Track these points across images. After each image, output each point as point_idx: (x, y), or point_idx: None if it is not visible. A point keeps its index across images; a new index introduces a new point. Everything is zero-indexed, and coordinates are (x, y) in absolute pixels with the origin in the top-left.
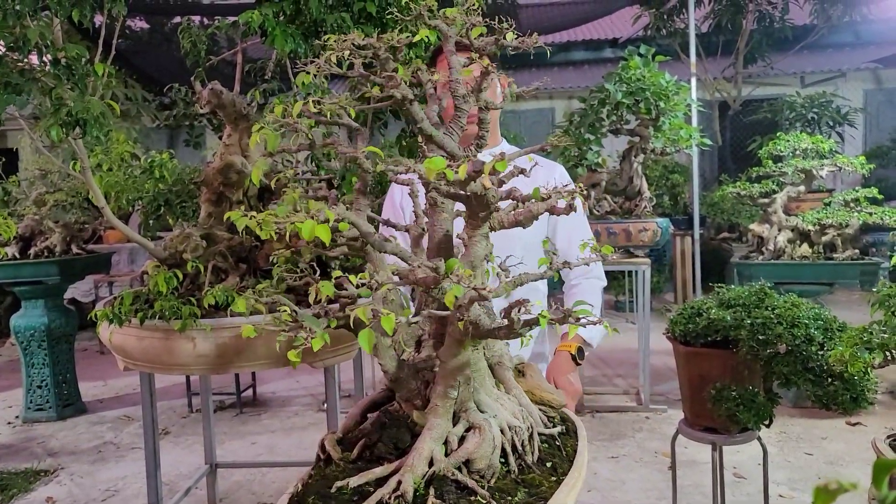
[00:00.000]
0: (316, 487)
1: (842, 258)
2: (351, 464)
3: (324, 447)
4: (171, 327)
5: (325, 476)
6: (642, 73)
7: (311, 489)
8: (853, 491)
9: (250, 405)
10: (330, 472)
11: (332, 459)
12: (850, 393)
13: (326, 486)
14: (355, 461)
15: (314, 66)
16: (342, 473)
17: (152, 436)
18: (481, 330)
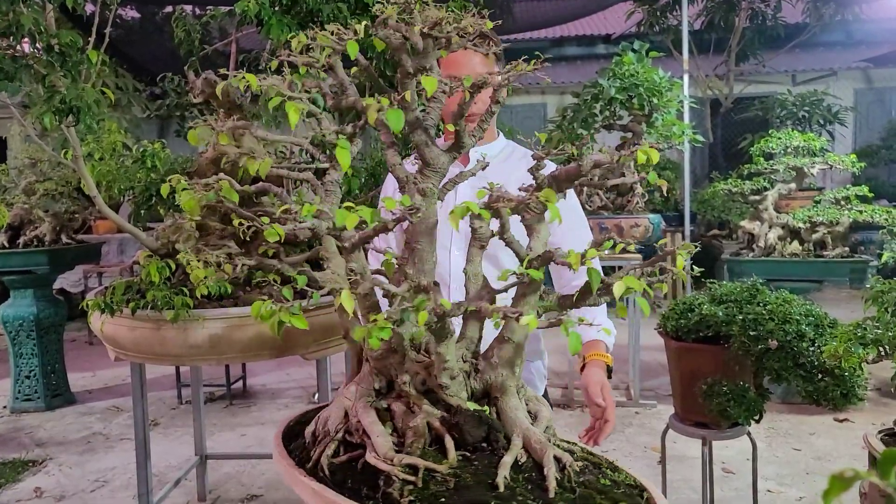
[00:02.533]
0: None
1: (832, 256)
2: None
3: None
4: (164, 317)
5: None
6: (636, 69)
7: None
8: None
9: (240, 397)
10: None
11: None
12: (841, 389)
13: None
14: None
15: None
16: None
17: (142, 426)
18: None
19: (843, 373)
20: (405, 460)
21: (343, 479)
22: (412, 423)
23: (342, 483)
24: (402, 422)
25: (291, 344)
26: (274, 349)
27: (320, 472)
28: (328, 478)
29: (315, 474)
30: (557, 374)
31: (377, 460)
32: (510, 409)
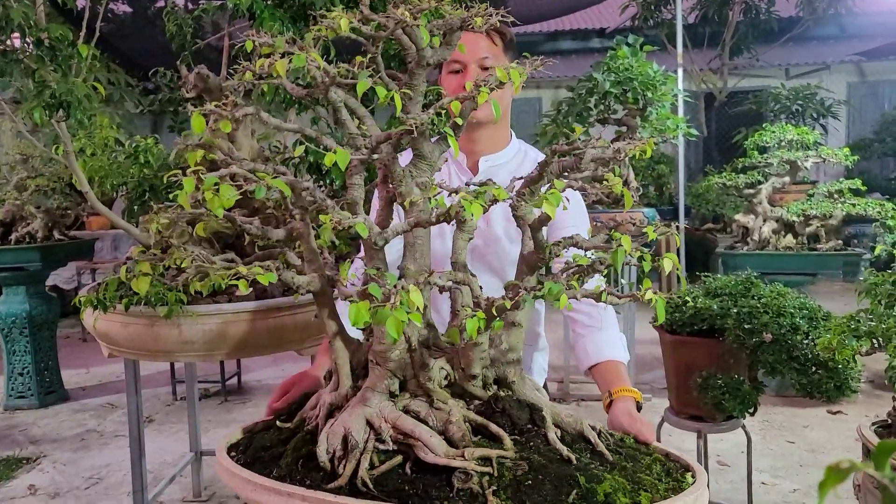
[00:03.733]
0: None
1: (825, 249)
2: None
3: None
4: (157, 314)
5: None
6: (630, 63)
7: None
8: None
9: (235, 393)
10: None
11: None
12: (835, 381)
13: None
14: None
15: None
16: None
17: (137, 423)
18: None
19: (836, 365)
20: (477, 452)
21: (397, 488)
22: (453, 418)
23: (400, 493)
24: (432, 419)
25: (286, 340)
26: (269, 345)
27: (363, 487)
28: (374, 492)
29: (356, 493)
30: (554, 369)
31: (441, 458)
32: (528, 391)
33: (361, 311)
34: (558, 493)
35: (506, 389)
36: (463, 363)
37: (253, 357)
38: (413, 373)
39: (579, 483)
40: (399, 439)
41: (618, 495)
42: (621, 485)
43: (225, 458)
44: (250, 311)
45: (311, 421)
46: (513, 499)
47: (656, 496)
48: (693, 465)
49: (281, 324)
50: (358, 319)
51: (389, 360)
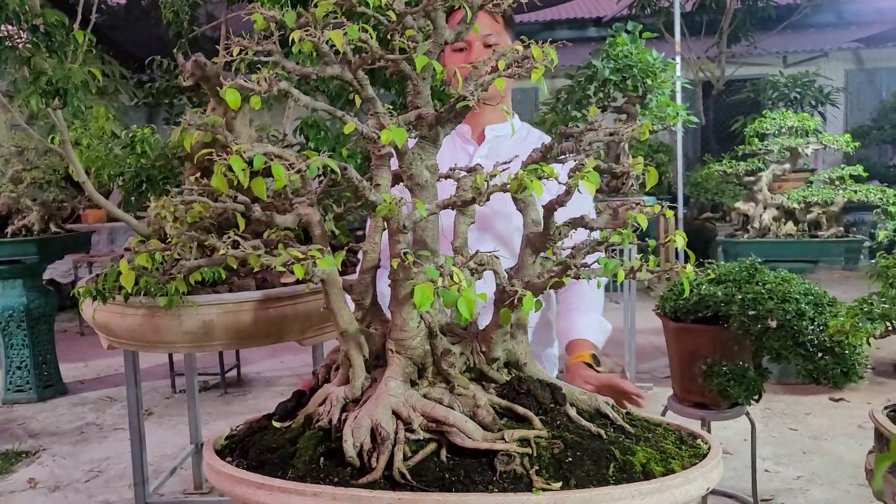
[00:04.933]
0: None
1: (826, 236)
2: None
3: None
4: (157, 304)
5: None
6: (630, 50)
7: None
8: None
9: (235, 385)
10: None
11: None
12: (841, 367)
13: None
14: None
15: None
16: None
17: (137, 415)
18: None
19: (843, 351)
20: (515, 434)
21: (437, 477)
22: (480, 402)
23: (440, 481)
24: (458, 406)
25: (287, 330)
26: (270, 335)
27: (400, 479)
28: (412, 483)
29: (394, 485)
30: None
31: (482, 443)
32: (539, 372)
33: (426, 292)
34: (598, 467)
35: (518, 371)
36: (484, 346)
37: (254, 348)
38: (432, 360)
39: (615, 456)
40: (430, 427)
41: (651, 465)
42: (652, 455)
43: (223, 464)
44: (252, 301)
45: (322, 417)
46: (556, 476)
47: (686, 462)
48: (700, 433)
49: (282, 314)
50: (423, 301)
51: (409, 348)
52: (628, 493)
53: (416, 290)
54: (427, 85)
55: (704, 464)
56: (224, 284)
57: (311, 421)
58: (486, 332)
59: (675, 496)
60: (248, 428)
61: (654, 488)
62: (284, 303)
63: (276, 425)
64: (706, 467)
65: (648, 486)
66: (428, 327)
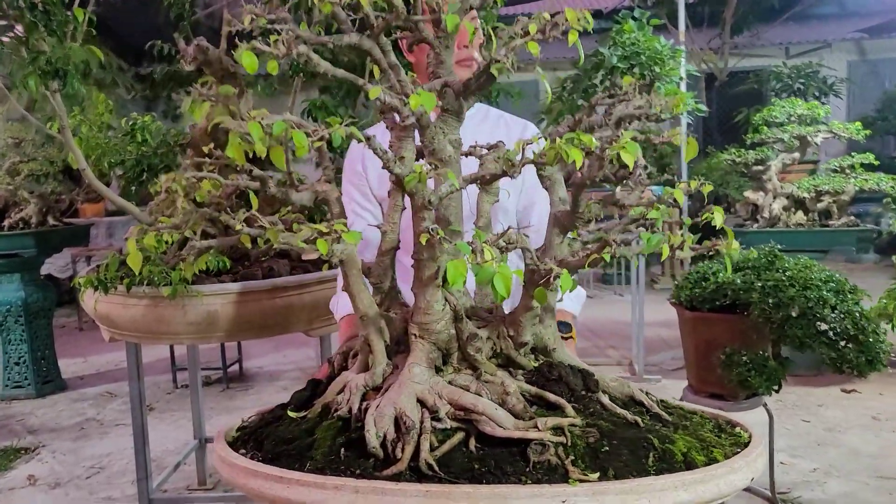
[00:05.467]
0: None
1: (837, 225)
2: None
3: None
4: (160, 294)
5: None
6: (637, 38)
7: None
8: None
9: (237, 380)
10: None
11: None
12: (866, 355)
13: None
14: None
15: None
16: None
17: (140, 409)
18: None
19: (867, 338)
20: (549, 422)
21: (465, 468)
22: (510, 389)
23: (470, 473)
24: (486, 393)
25: (294, 320)
26: (276, 326)
27: (427, 470)
28: (440, 474)
29: (421, 477)
30: None
31: (514, 431)
32: (568, 357)
33: (460, 269)
34: (637, 457)
35: (546, 356)
36: (512, 331)
37: (260, 338)
38: (458, 345)
39: (654, 445)
40: (458, 416)
41: (692, 454)
42: (692, 443)
43: (237, 456)
44: (258, 291)
45: (341, 406)
46: (592, 467)
47: (728, 451)
48: (738, 421)
49: (289, 303)
50: (456, 278)
51: (434, 333)
52: (671, 484)
53: (448, 267)
54: (450, 54)
55: (748, 452)
56: (229, 274)
57: (328, 410)
58: (514, 316)
59: (719, 486)
60: (261, 419)
61: (697, 478)
62: (291, 292)
63: (291, 415)
64: (750, 456)
65: (692, 476)
66: (453, 310)
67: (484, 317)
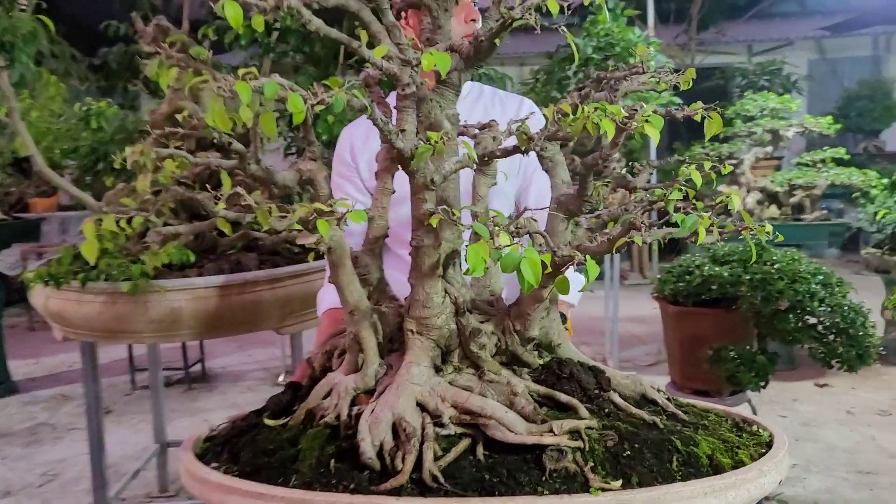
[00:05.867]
0: None
1: (811, 219)
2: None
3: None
4: (119, 289)
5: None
6: (611, 28)
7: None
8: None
9: (200, 381)
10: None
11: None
12: (856, 349)
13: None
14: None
15: None
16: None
17: (96, 412)
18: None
19: (857, 332)
20: (566, 425)
21: (475, 478)
22: (517, 390)
23: (480, 484)
24: (491, 394)
25: (264, 317)
26: (245, 323)
27: (432, 482)
28: (446, 486)
29: (425, 490)
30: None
31: (527, 437)
32: (574, 353)
33: (481, 253)
34: (660, 461)
35: (551, 353)
36: (518, 325)
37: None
38: (458, 341)
39: (677, 448)
40: (463, 420)
41: (718, 456)
42: (716, 445)
43: (208, 471)
44: (224, 286)
45: (328, 411)
46: (614, 474)
47: (754, 452)
48: (754, 419)
49: (259, 299)
50: (477, 264)
51: (433, 328)
52: (700, 491)
53: (468, 252)
54: (449, 19)
55: (774, 453)
56: (194, 268)
57: (313, 417)
58: (521, 308)
59: (749, 491)
60: (233, 427)
61: (727, 483)
62: (261, 287)
63: (269, 423)
64: (777, 457)
65: (721, 481)
66: (454, 303)
67: (486, 310)
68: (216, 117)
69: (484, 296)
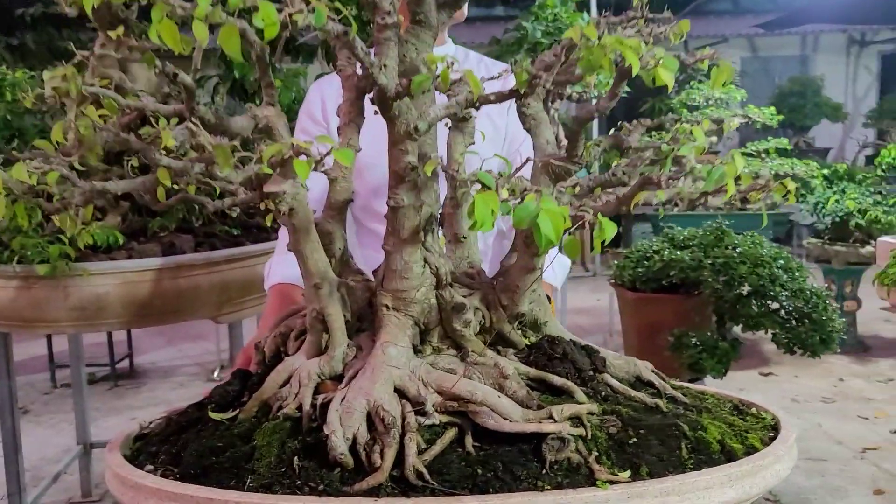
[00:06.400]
0: None
1: (756, 209)
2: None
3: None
4: (36, 272)
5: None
6: (559, 13)
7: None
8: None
9: (127, 377)
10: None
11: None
12: (820, 334)
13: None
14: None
15: None
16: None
17: (10, 412)
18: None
19: (821, 317)
20: (566, 411)
21: (465, 474)
22: (507, 372)
23: (471, 480)
24: (477, 377)
25: (200, 304)
26: (179, 311)
27: (417, 479)
28: (433, 484)
29: (408, 489)
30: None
31: (527, 425)
32: (562, 331)
33: (490, 203)
34: (668, 448)
35: (537, 331)
36: (505, 299)
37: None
38: (439, 318)
39: (685, 434)
40: (450, 408)
41: (728, 441)
42: (723, 429)
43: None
44: (157, 270)
45: (287, 401)
46: (620, 464)
47: (764, 437)
48: (750, 401)
49: (194, 284)
50: (485, 219)
51: (411, 303)
52: (716, 480)
53: (476, 202)
54: None
55: (785, 437)
56: (122, 250)
57: (269, 408)
58: (508, 280)
59: (765, 479)
60: (170, 424)
61: (744, 471)
62: (197, 271)
63: (214, 417)
64: (789, 441)
65: (738, 468)
66: (435, 275)
67: (467, 283)
68: (164, 31)
69: (462, 268)
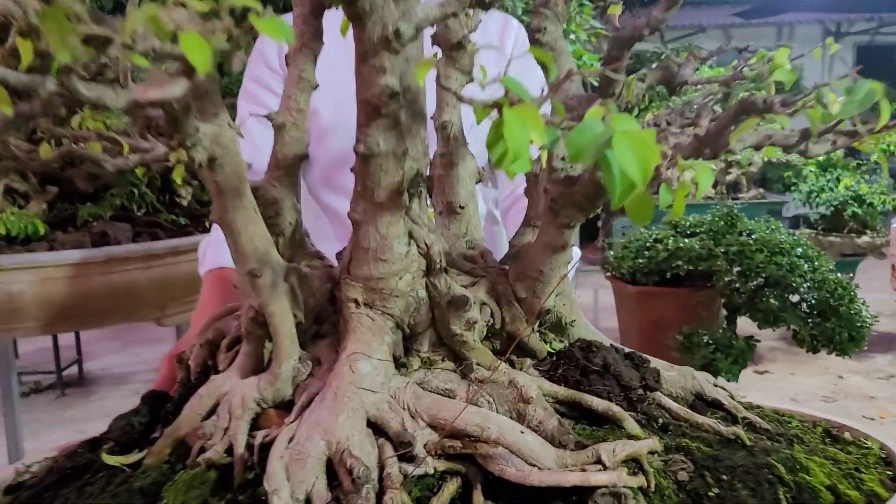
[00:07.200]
0: None
1: (748, 198)
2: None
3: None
4: None
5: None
6: None
7: None
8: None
9: (75, 385)
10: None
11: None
12: (848, 331)
13: None
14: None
15: None
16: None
17: None
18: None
19: (849, 312)
20: (620, 452)
21: None
22: (530, 393)
23: None
24: (487, 401)
25: (138, 304)
26: (113, 312)
27: None
28: None
29: None
30: None
31: (562, 475)
32: (593, 334)
33: (529, 121)
34: (764, 501)
35: (560, 334)
36: (521, 290)
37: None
38: (430, 317)
39: (781, 478)
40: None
41: (840, 488)
42: (829, 469)
43: None
44: (86, 264)
45: (213, 441)
46: None
47: (883, 477)
48: (841, 423)
49: (130, 281)
50: (521, 146)
51: (391, 296)
52: None
53: (506, 119)
54: None
55: None
56: (43, 241)
57: (187, 450)
58: (528, 264)
59: None
60: (56, 465)
61: None
62: (134, 266)
63: (109, 462)
64: None
65: None
66: (424, 255)
67: (468, 268)
68: None
69: (459, 248)
